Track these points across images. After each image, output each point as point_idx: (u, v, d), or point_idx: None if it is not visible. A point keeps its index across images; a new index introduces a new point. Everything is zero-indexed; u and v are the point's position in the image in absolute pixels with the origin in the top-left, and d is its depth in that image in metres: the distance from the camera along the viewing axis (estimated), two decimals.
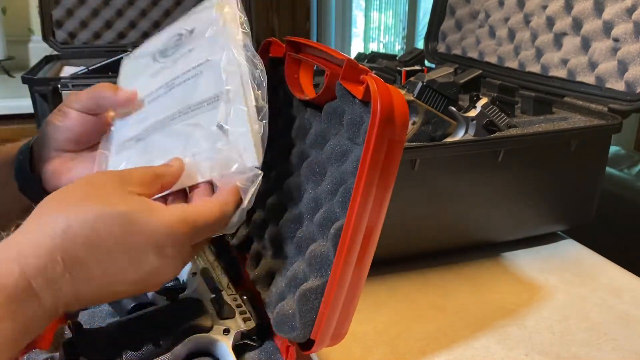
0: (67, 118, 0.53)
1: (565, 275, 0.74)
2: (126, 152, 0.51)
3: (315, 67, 0.56)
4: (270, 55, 0.63)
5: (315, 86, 0.58)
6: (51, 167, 0.54)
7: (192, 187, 0.45)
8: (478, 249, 0.78)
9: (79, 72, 1.18)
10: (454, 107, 0.76)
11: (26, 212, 0.57)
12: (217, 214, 0.42)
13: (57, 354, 0.47)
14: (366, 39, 2.76)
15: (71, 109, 0.53)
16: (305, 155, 0.54)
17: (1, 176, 0.56)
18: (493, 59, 1.08)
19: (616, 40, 0.83)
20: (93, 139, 0.55)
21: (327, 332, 0.45)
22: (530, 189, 0.75)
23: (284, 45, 0.59)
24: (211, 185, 0.45)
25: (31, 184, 0.55)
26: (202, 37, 0.53)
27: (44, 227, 0.37)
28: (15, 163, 0.55)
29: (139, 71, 0.56)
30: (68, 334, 0.51)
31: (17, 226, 0.48)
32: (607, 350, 0.59)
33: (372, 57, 1.17)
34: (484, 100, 0.76)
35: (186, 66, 0.51)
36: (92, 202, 0.38)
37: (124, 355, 0.45)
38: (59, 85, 1.04)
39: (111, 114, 0.55)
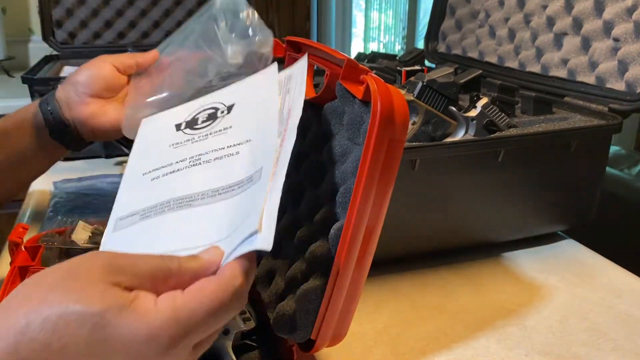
0: (104, 68, 0.63)
1: (566, 275, 0.74)
2: (126, 230, 0.43)
3: (315, 67, 0.56)
4: None
5: (315, 86, 0.58)
6: (89, 110, 0.63)
7: None
8: (478, 249, 0.78)
9: None
10: (454, 107, 0.76)
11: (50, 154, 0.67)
12: (221, 294, 0.33)
13: None
14: (366, 39, 2.76)
15: (106, 62, 0.64)
16: (305, 155, 0.54)
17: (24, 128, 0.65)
18: (493, 59, 1.08)
19: (616, 40, 0.83)
20: (120, 89, 0.65)
21: (327, 332, 0.45)
22: (531, 189, 0.75)
23: (284, 45, 0.59)
24: None
25: (67, 131, 0.64)
26: (244, 115, 0.47)
27: (5, 322, 0.30)
28: (43, 114, 0.64)
29: (158, 137, 0.51)
30: None
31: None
32: (607, 350, 0.59)
33: (372, 57, 1.17)
34: (484, 100, 0.76)
35: (219, 144, 0.45)
36: (60, 295, 0.30)
37: None
38: (59, 85, 1.04)
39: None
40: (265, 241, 0.33)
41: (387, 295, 0.69)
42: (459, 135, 0.74)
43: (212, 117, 0.48)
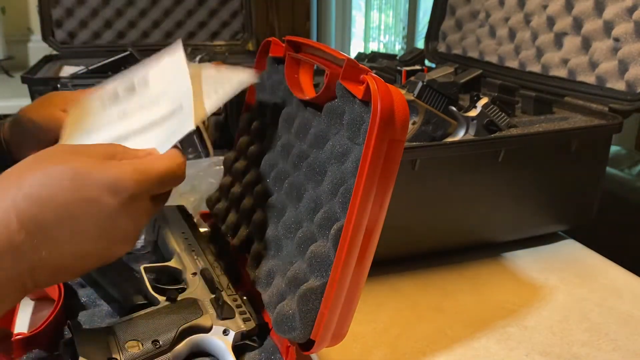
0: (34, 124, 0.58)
1: (566, 276, 0.74)
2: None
3: (315, 67, 0.56)
4: (270, 55, 0.63)
5: (315, 86, 0.58)
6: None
7: None
8: (478, 249, 0.78)
9: (79, 72, 1.18)
10: (455, 106, 0.76)
11: None
12: (168, 162, 0.43)
13: (56, 354, 0.47)
14: (366, 39, 2.76)
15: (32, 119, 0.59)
16: (305, 155, 0.53)
17: None
18: (493, 59, 1.08)
19: (617, 40, 0.83)
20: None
21: (327, 332, 0.45)
22: (531, 189, 0.75)
23: (284, 45, 0.59)
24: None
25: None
26: (161, 82, 0.54)
27: None
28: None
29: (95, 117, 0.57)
30: (67, 334, 0.51)
31: None
32: (607, 351, 0.59)
33: (373, 57, 1.17)
34: (484, 100, 0.76)
35: (146, 118, 0.52)
36: (41, 163, 0.39)
37: (123, 356, 0.45)
38: (59, 85, 1.04)
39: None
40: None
41: (387, 295, 0.69)
42: (459, 135, 0.74)
43: (130, 91, 0.55)
